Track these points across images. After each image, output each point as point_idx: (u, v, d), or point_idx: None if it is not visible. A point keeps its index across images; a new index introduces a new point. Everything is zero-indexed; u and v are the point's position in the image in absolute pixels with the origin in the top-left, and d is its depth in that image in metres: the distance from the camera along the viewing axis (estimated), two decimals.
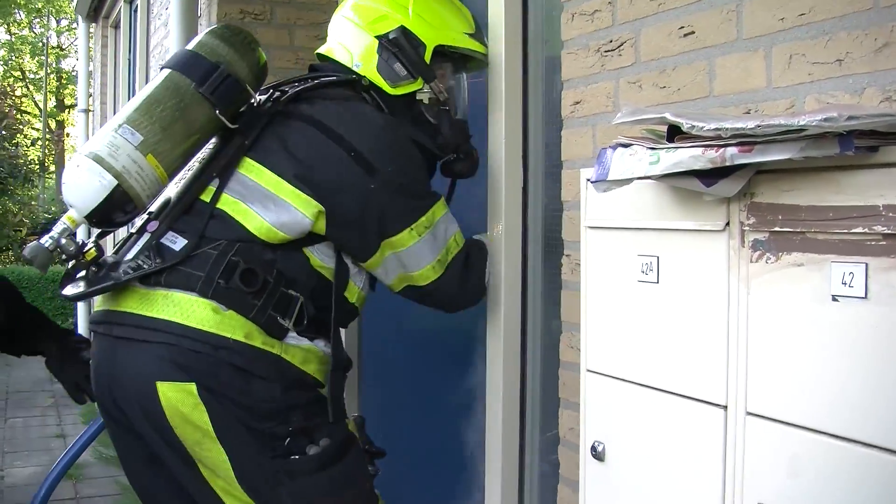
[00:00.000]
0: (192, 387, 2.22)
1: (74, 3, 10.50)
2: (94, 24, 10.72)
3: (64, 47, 29.20)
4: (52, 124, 27.30)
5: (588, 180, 1.73)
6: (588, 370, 1.85)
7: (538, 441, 2.78)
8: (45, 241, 2.32)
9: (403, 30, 2.61)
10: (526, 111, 2.76)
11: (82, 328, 10.52)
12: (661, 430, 1.63)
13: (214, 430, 2.24)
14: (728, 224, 1.45)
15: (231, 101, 2.50)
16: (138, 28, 7.85)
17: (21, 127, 18.64)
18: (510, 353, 2.74)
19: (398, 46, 2.59)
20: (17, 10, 26.84)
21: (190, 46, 2.57)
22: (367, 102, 2.60)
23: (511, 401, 2.74)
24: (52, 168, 23.25)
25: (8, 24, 27.66)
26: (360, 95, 2.61)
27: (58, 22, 28.48)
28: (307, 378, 2.38)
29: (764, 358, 1.39)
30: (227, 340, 2.26)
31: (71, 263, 2.38)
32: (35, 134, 25.59)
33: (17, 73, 27.89)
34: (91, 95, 10.94)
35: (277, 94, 2.63)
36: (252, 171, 2.44)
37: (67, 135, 29.26)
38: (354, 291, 2.56)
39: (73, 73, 29.13)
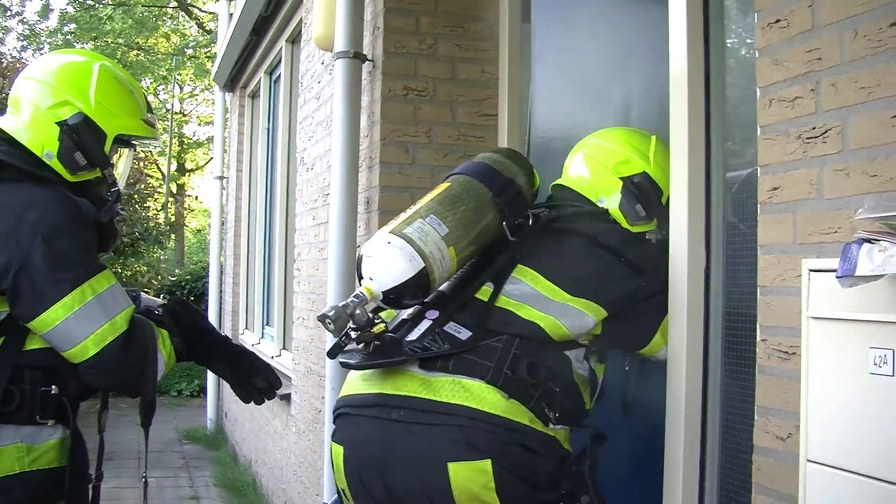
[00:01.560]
0: (487, 465, 2.34)
1: (213, 73, 10.83)
2: (230, 94, 11.04)
3: (186, 113, 30.10)
4: (174, 188, 28.06)
5: (836, 276, 1.72)
6: (809, 460, 1.84)
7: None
8: (345, 305, 2.43)
9: (645, 175, 2.87)
10: (709, 191, 2.78)
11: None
12: None
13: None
14: None
15: (518, 215, 2.76)
16: (280, 99, 8.08)
17: (152, 190, 19.22)
18: (690, 432, 2.73)
19: (640, 189, 2.85)
20: (143, 78, 27.79)
21: (481, 159, 2.85)
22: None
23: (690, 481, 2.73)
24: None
25: None
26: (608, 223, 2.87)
27: (181, 89, 29.42)
28: (569, 454, 2.52)
29: None
30: (517, 423, 2.39)
31: (354, 334, 2.46)
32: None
33: None
34: (226, 163, 11.23)
35: (537, 214, 2.85)
36: (527, 276, 2.65)
37: (193, 197, 30.14)
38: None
39: (194, 139, 30.09)
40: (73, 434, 2.76)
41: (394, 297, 2.49)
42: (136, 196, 14.87)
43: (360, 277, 2.52)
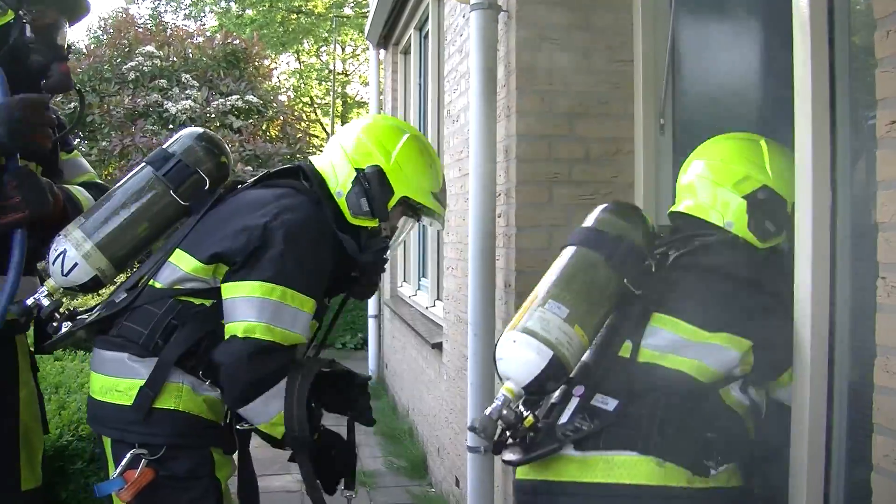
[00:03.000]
0: None
1: (367, 31, 11.01)
2: (383, 51, 11.20)
3: (349, 73, 30.56)
4: None
5: None
6: None
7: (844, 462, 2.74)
8: (491, 412, 2.55)
9: (767, 189, 2.82)
10: (834, 128, 2.72)
11: None
12: None
13: None
14: None
15: (637, 268, 2.78)
16: (430, 54, 8.18)
17: (315, 151, 19.67)
18: (817, 373, 2.70)
19: (765, 205, 2.81)
20: (305, 40, 28.31)
21: (588, 224, 2.87)
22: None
23: (817, 419, 2.71)
24: None
25: (298, 53, 29.23)
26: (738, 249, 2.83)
27: (342, 49, 29.86)
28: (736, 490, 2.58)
29: None
30: (676, 489, 2.46)
31: (509, 432, 2.61)
32: None
33: (307, 100, 29.41)
34: None
35: (662, 255, 2.88)
36: (666, 324, 2.67)
37: None
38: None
39: (357, 98, 30.52)
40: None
41: (534, 390, 2.57)
42: (298, 157, 15.23)
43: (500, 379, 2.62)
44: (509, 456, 2.61)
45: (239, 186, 3.21)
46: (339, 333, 14.34)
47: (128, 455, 2.82)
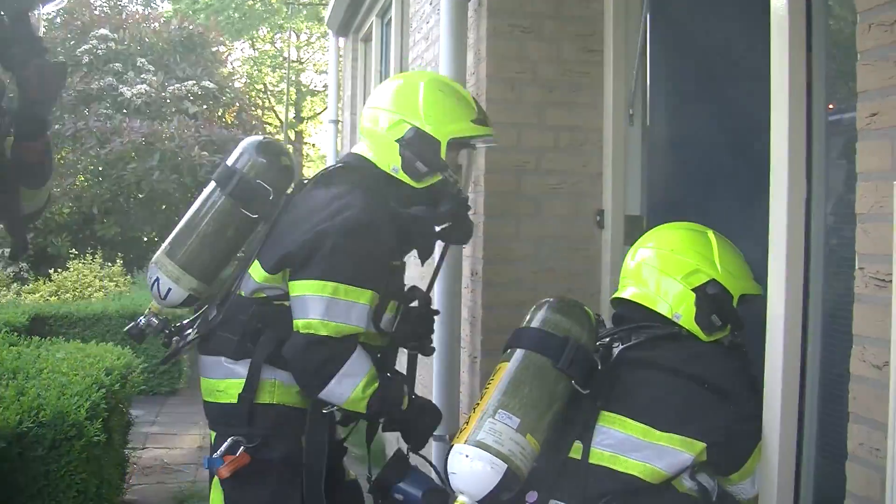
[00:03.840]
0: None
1: (327, 18, 10.97)
2: (343, 38, 11.16)
3: (302, 61, 30.41)
4: (292, 135, 28.43)
5: None
6: None
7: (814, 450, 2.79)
8: None
9: (715, 283, 2.84)
10: (810, 121, 2.75)
11: None
12: None
13: None
14: None
15: (584, 367, 2.75)
16: (392, 42, 8.15)
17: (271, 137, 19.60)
18: (790, 366, 2.74)
19: (713, 299, 2.83)
20: (260, 28, 28.12)
21: (534, 324, 2.84)
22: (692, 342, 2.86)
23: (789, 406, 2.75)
24: None
25: (252, 41, 29.03)
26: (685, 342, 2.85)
27: (297, 37, 29.70)
28: None
29: None
30: None
31: None
32: None
33: (260, 87, 29.25)
34: (340, 107, 11.39)
35: (604, 347, 2.90)
36: (615, 422, 2.69)
37: (309, 144, 30.55)
38: None
39: (312, 87, 30.39)
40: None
41: (490, 502, 2.54)
42: None
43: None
44: None
45: (305, 185, 3.36)
46: None
47: (228, 441, 3.07)
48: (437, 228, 3.33)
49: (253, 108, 19.13)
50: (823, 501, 2.77)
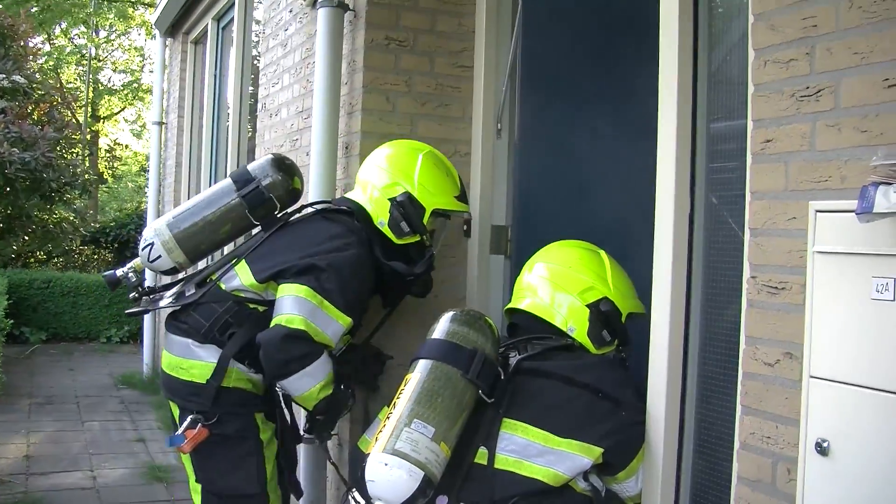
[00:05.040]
0: None
1: (155, 18, 10.77)
2: (171, 39, 10.99)
3: (101, 59, 29.47)
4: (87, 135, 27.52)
5: (855, 213, 1.93)
6: (812, 376, 2.11)
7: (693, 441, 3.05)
8: None
9: (608, 301, 3.11)
10: (695, 141, 3.00)
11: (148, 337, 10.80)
12: (890, 426, 1.90)
13: None
14: None
15: (489, 378, 2.94)
16: (234, 45, 8.11)
17: (77, 137, 18.90)
18: (673, 374, 2.99)
19: (606, 316, 3.10)
20: (60, 22, 27.04)
21: (440, 336, 3.02)
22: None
23: (672, 401, 2.99)
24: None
25: (49, 35, 27.84)
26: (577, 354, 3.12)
27: (96, 34, 28.74)
28: None
29: None
30: None
31: None
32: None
33: (56, 84, 28.22)
34: (165, 108, 11.21)
35: (502, 357, 3.09)
36: (517, 429, 2.88)
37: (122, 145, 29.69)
38: None
39: (111, 86, 29.46)
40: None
41: None
42: (63, 141, 14.64)
43: (368, 501, 2.71)
44: None
45: (306, 211, 3.84)
46: (103, 326, 13.90)
47: (188, 419, 3.44)
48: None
49: (67, 106, 18.41)
50: (700, 491, 3.02)
